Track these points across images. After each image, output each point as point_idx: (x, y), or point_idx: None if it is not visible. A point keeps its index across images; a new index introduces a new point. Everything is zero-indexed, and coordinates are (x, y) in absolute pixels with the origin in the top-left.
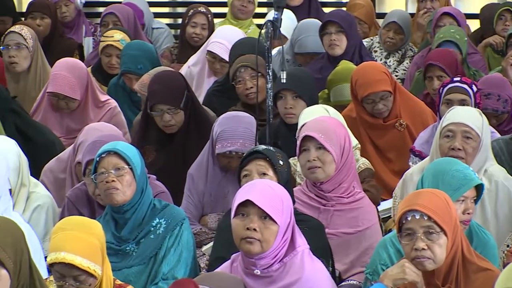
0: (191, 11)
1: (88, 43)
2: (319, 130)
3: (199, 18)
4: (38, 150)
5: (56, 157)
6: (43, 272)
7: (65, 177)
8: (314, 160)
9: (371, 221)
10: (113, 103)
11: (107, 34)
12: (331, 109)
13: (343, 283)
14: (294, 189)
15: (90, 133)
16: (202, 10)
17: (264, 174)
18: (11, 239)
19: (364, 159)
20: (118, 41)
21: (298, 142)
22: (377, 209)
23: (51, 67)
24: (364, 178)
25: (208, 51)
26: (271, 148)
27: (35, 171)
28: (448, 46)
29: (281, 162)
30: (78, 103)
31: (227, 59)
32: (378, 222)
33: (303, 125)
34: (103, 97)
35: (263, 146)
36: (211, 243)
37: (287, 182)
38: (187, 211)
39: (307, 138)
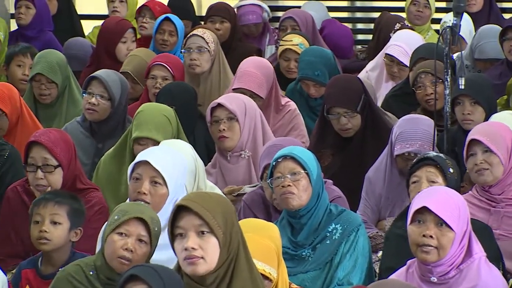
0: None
1: (270, 51)
2: (485, 134)
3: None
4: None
5: None
6: None
7: None
8: (481, 163)
9: None
10: (293, 105)
11: (286, 38)
12: None
13: None
14: (463, 195)
15: None
16: None
17: (434, 182)
18: (222, 209)
19: None
20: (297, 45)
21: (465, 148)
22: None
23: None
24: None
25: (386, 54)
26: (442, 155)
27: None
28: None
29: (451, 170)
30: (262, 102)
31: (405, 62)
32: None
33: None
34: (283, 99)
35: (434, 153)
36: None
37: (456, 190)
38: (364, 214)
39: (473, 142)
